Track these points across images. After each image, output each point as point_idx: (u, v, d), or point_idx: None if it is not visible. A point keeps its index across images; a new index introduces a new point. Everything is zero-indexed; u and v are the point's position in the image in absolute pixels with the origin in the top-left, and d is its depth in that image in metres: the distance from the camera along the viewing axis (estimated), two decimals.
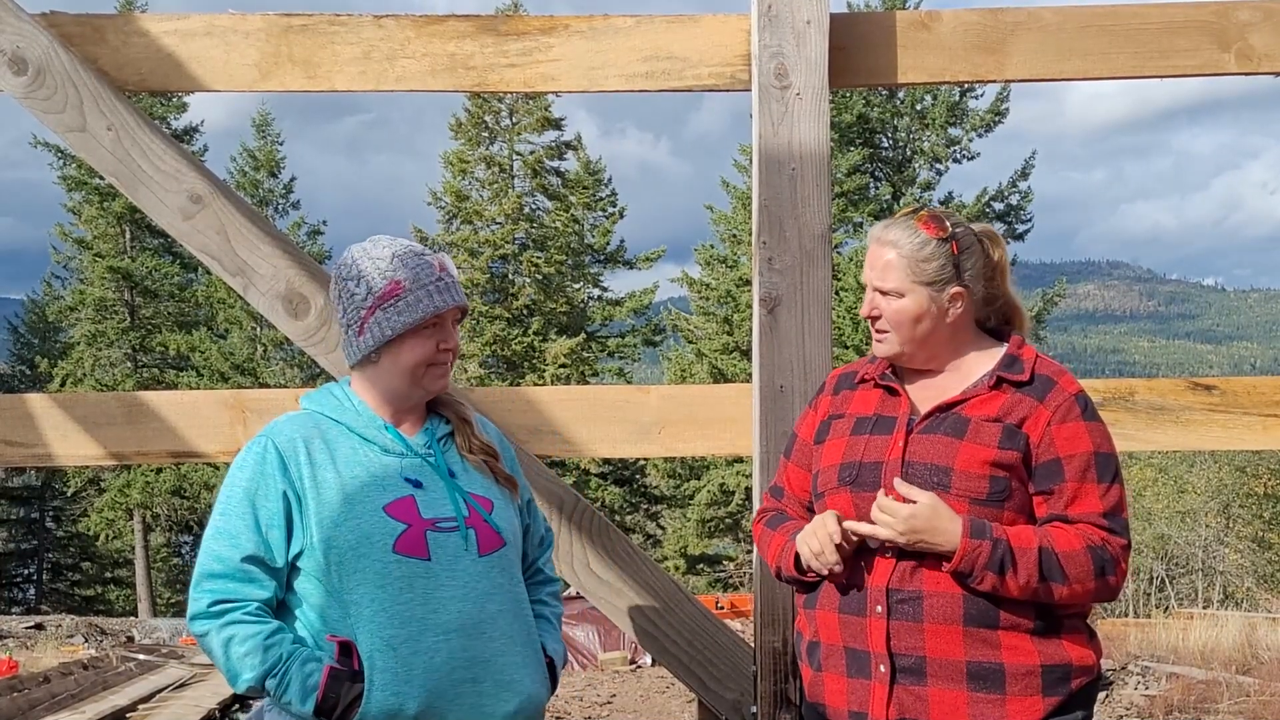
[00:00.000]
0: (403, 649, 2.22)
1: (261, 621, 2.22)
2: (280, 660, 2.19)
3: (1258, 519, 26.06)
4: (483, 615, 2.29)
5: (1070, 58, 3.15)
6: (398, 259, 2.35)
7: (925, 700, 2.27)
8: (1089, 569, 2.25)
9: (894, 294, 2.40)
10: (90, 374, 35.93)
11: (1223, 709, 10.44)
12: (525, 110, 34.35)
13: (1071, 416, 2.33)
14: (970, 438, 2.32)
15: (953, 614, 2.26)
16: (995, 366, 2.40)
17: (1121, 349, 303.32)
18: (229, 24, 3.15)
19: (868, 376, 2.51)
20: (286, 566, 2.28)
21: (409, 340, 2.33)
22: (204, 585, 2.25)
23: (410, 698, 2.21)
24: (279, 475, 2.28)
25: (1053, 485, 2.31)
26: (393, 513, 2.27)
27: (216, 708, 11.09)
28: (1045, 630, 2.28)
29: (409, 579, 2.24)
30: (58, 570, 43.14)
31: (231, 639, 2.21)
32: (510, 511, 2.44)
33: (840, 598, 2.36)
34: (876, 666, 2.30)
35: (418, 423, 2.42)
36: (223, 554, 2.26)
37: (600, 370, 35.01)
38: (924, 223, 2.42)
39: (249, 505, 2.27)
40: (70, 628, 21.83)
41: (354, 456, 2.32)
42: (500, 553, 2.36)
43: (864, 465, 2.37)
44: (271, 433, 2.34)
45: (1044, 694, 2.26)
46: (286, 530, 2.27)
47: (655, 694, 13.24)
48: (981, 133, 33.60)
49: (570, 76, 3.17)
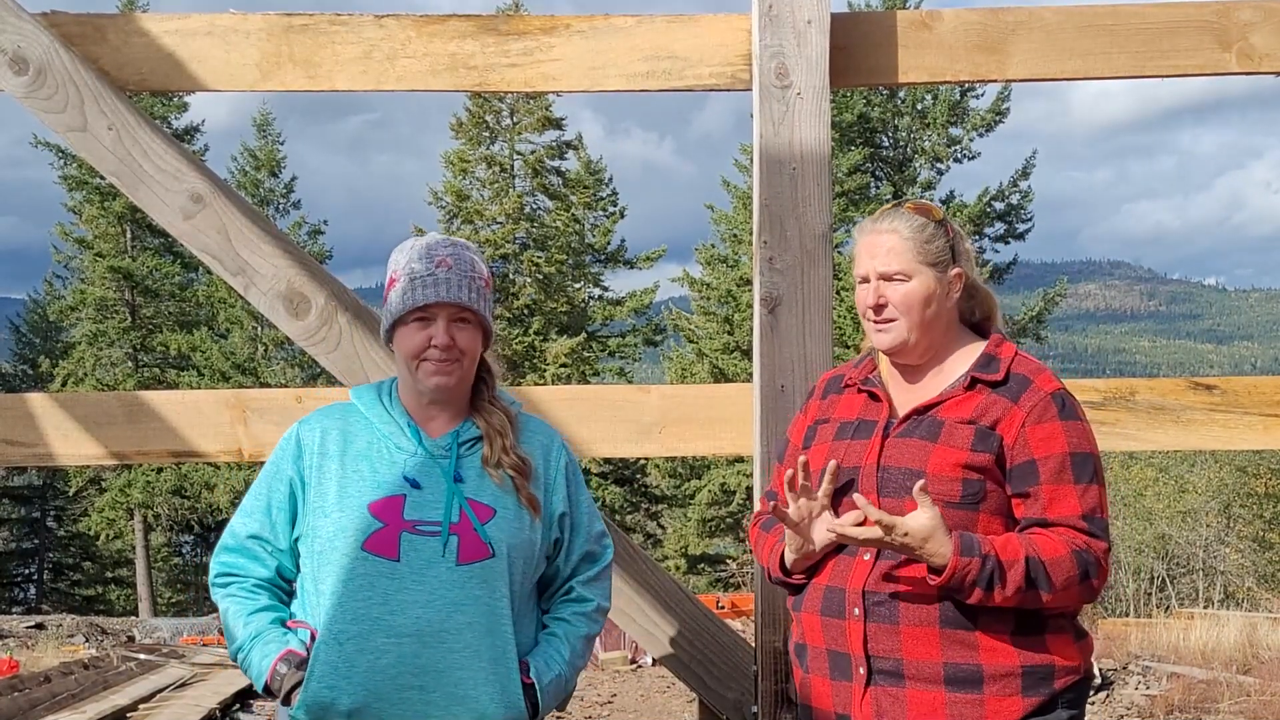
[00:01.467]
0: (348, 645, 2.25)
1: (251, 598, 2.35)
2: (250, 638, 2.31)
3: (1258, 519, 26.04)
4: (446, 624, 2.26)
5: (1071, 57, 3.15)
6: (410, 251, 2.41)
7: (903, 702, 2.26)
8: (1073, 574, 2.23)
9: (900, 277, 2.37)
10: (91, 373, 35.93)
11: (1223, 709, 10.43)
12: (526, 110, 34.34)
13: (1047, 417, 2.30)
14: (943, 441, 2.30)
15: (929, 616, 2.25)
16: (971, 366, 2.39)
17: (1123, 349, 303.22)
18: (230, 24, 3.15)
19: (851, 381, 2.50)
20: (291, 549, 2.38)
21: (402, 330, 2.39)
22: (219, 557, 2.42)
23: (345, 693, 2.23)
24: (291, 463, 2.39)
25: (1028, 488, 2.28)
26: (375, 510, 2.30)
27: (217, 707, 11.09)
28: (1026, 630, 2.26)
29: (371, 577, 2.27)
30: (59, 570, 43.15)
31: (227, 610, 2.37)
32: (518, 525, 2.37)
33: (822, 600, 2.35)
34: (856, 669, 2.30)
35: (451, 422, 2.42)
36: (236, 529, 2.42)
37: (601, 370, 35.00)
38: (916, 209, 2.43)
39: (266, 487, 2.41)
40: (71, 627, 21.81)
41: (365, 451, 2.37)
42: (483, 564, 2.31)
43: (844, 470, 2.35)
44: (305, 420, 2.45)
45: (1024, 694, 2.24)
46: (291, 515, 2.38)
47: (656, 693, 13.24)
48: (982, 132, 33.57)
49: (571, 76, 3.17)
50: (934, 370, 2.42)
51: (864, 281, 2.42)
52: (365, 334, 3.01)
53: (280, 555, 2.38)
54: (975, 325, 2.49)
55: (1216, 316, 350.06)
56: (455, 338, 2.36)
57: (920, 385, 2.42)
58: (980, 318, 2.49)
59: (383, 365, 2.98)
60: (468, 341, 2.38)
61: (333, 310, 3.00)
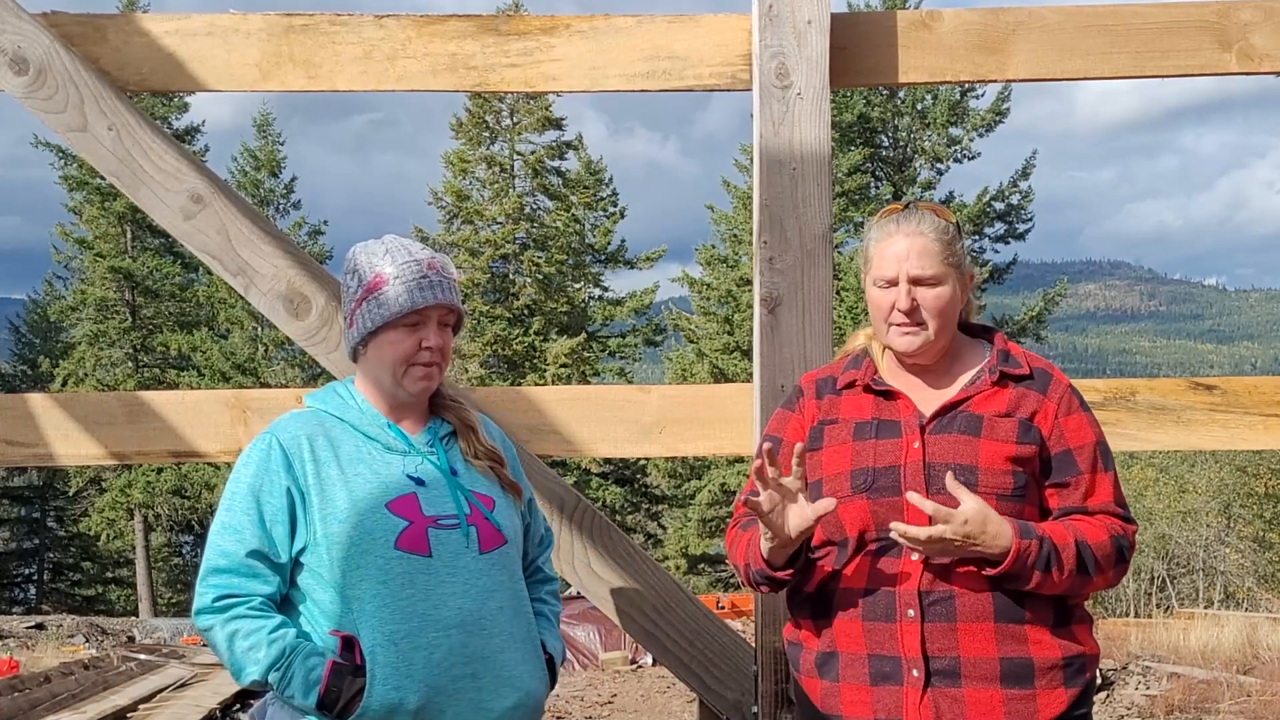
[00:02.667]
0: (404, 644, 2.24)
1: (265, 616, 2.24)
2: (284, 654, 2.21)
3: (1258, 519, 26.05)
4: (483, 612, 2.31)
5: (1071, 57, 3.15)
6: (389, 254, 2.37)
7: (961, 701, 2.23)
8: (1113, 558, 2.29)
9: (933, 281, 2.34)
10: (91, 374, 35.95)
11: (1223, 709, 10.44)
12: (526, 110, 34.35)
13: (1074, 408, 2.36)
14: (988, 434, 2.30)
15: (984, 611, 2.25)
16: (991, 362, 2.40)
17: (1123, 349, 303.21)
18: (230, 24, 3.15)
19: (856, 381, 2.45)
20: (290, 562, 2.30)
21: (389, 335, 2.36)
22: (209, 580, 2.27)
23: (411, 692, 2.22)
24: (283, 472, 2.30)
25: (1068, 477, 2.32)
26: (395, 510, 2.29)
27: (217, 707, 11.09)
28: (1061, 621, 2.29)
29: (410, 575, 2.27)
30: (59, 570, 43.16)
31: (236, 634, 2.22)
32: (511, 510, 2.46)
33: (864, 605, 2.30)
34: (909, 671, 2.25)
35: (420, 421, 2.44)
36: (228, 549, 2.27)
37: (601, 370, 35.01)
38: (934, 211, 2.41)
39: (254, 501, 2.29)
40: (71, 627, 21.83)
41: (357, 454, 2.34)
42: (501, 550, 2.38)
43: (878, 470, 2.31)
44: (276, 430, 2.36)
45: (1066, 685, 2.27)
46: (290, 526, 2.29)
47: (656, 694, 13.24)
48: (982, 132, 33.59)
49: (571, 76, 3.17)
50: (944, 368, 2.42)
51: (890, 285, 2.36)
52: None
53: (281, 571, 2.29)
54: (964, 325, 2.50)
55: (1217, 316, 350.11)
56: (443, 341, 2.40)
57: (935, 383, 2.41)
58: (966, 315, 2.50)
59: None
60: (449, 343, 2.43)
61: (333, 310, 3.00)
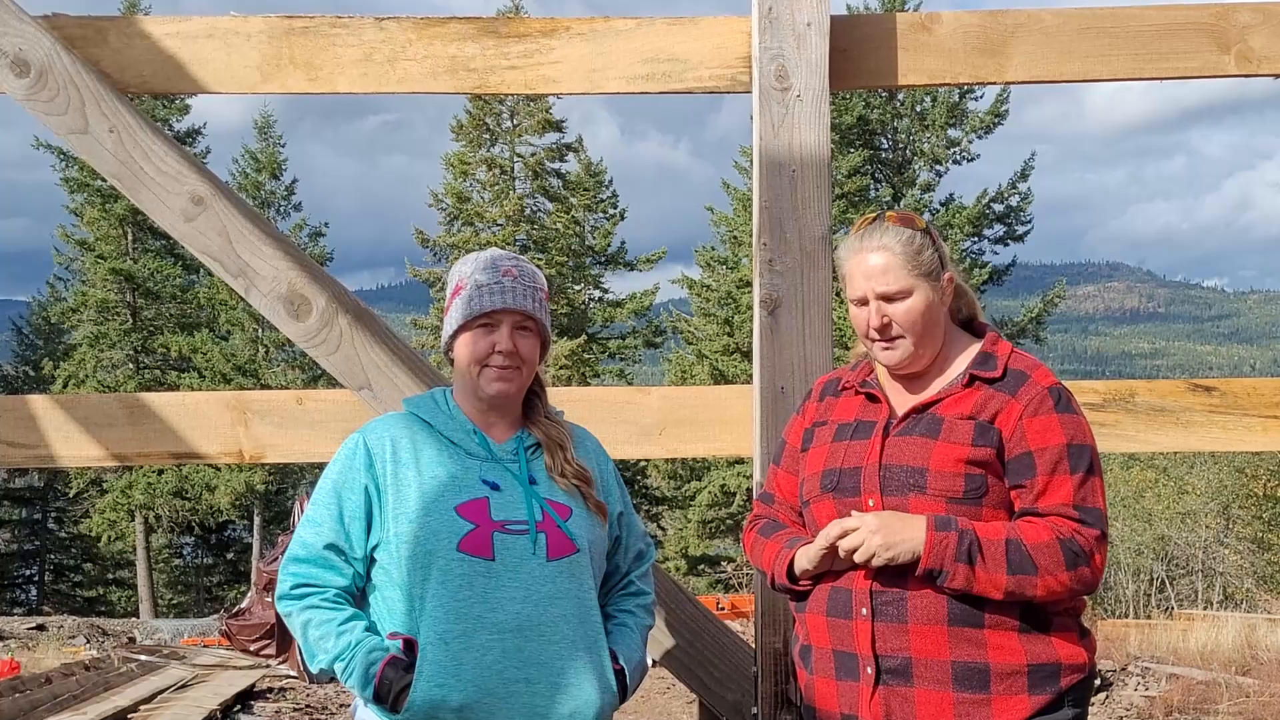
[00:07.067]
0: (454, 644, 2.29)
1: (337, 608, 2.35)
2: (349, 647, 2.31)
3: (1257, 520, 26.07)
4: (544, 618, 2.34)
5: (1070, 59, 3.15)
6: (475, 262, 2.49)
7: (911, 701, 2.26)
8: (1059, 560, 2.23)
9: (900, 295, 2.38)
10: (92, 375, 35.94)
11: (1222, 710, 10.43)
12: (526, 112, 34.36)
13: (1044, 410, 2.31)
14: (944, 437, 2.31)
15: (937, 614, 2.26)
16: (969, 364, 2.40)
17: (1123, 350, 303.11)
18: (231, 26, 3.16)
19: (849, 384, 2.52)
20: (365, 558, 2.40)
21: (465, 336, 2.45)
22: (289, 568, 2.40)
23: (455, 690, 2.27)
24: (364, 471, 2.40)
25: (1024, 479, 2.30)
26: (464, 513, 2.35)
27: (218, 708, 11.08)
28: (1032, 628, 2.27)
29: (470, 577, 2.32)
30: (60, 571, 43.18)
31: (309, 622, 2.35)
32: (590, 522, 2.47)
33: (828, 601, 2.36)
34: (863, 668, 2.30)
35: (509, 431, 2.50)
36: (307, 540, 2.41)
37: (601, 371, 35.03)
38: (898, 221, 2.42)
39: (335, 497, 2.41)
40: (72, 629, 21.82)
41: (438, 458, 2.41)
42: (571, 559, 2.40)
43: (844, 471, 2.37)
44: (366, 430, 2.47)
45: (1030, 692, 2.25)
46: (366, 524, 2.39)
47: (656, 694, 13.23)
48: (981, 134, 33.60)
49: (571, 78, 3.18)
50: (935, 372, 2.44)
51: (862, 304, 2.42)
52: (366, 336, 3.01)
53: (356, 564, 2.39)
54: (964, 322, 2.51)
55: (1217, 318, 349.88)
56: (517, 345, 2.44)
57: (916, 385, 2.44)
58: (968, 314, 2.51)
59: (382, 367, 2.99)
60: (529, 350, 2.47)
61: (333, 312, 3.00)
